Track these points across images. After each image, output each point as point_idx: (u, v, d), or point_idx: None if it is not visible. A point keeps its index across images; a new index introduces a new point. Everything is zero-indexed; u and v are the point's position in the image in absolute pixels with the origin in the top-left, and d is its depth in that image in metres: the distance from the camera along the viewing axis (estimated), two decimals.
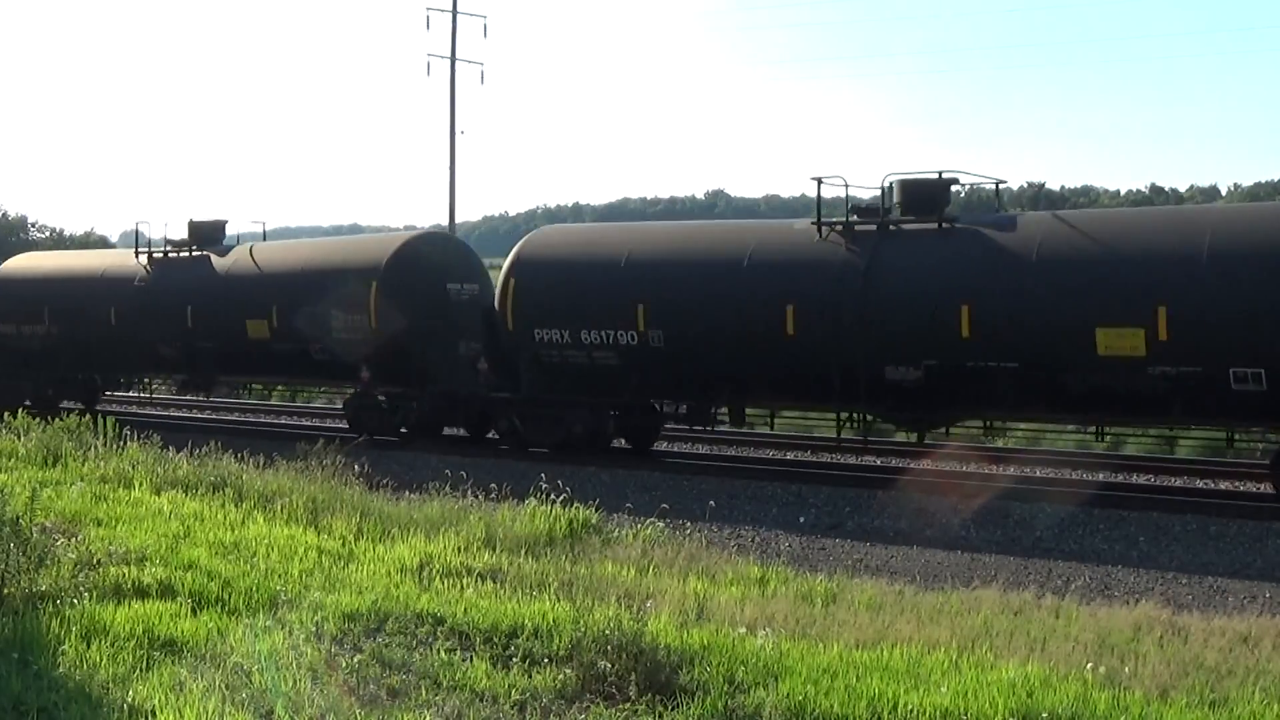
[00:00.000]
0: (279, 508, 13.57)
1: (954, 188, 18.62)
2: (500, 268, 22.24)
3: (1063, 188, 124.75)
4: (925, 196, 18.21)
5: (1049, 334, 16.44)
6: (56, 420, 19.14)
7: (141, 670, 7.84)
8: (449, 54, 52.47)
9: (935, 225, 17.98)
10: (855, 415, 18.84)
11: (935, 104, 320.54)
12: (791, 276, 18.42)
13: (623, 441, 21.70)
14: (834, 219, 18.60)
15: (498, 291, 21.38)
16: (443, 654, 8.36)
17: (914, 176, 18.43)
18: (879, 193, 18.52)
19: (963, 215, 18.68)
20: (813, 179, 18.74)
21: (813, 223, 18.72)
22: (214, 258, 26.06)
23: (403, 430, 23.02)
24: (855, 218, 18.56)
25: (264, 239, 27.55)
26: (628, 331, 19.59)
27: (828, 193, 18.82)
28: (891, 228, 18.30)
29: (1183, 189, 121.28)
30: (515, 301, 20.79)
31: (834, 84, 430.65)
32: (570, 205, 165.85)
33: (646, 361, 19.60)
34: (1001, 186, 19.59)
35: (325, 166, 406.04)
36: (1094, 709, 7.33)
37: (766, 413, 21.98)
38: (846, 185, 18.65)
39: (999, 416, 18.57)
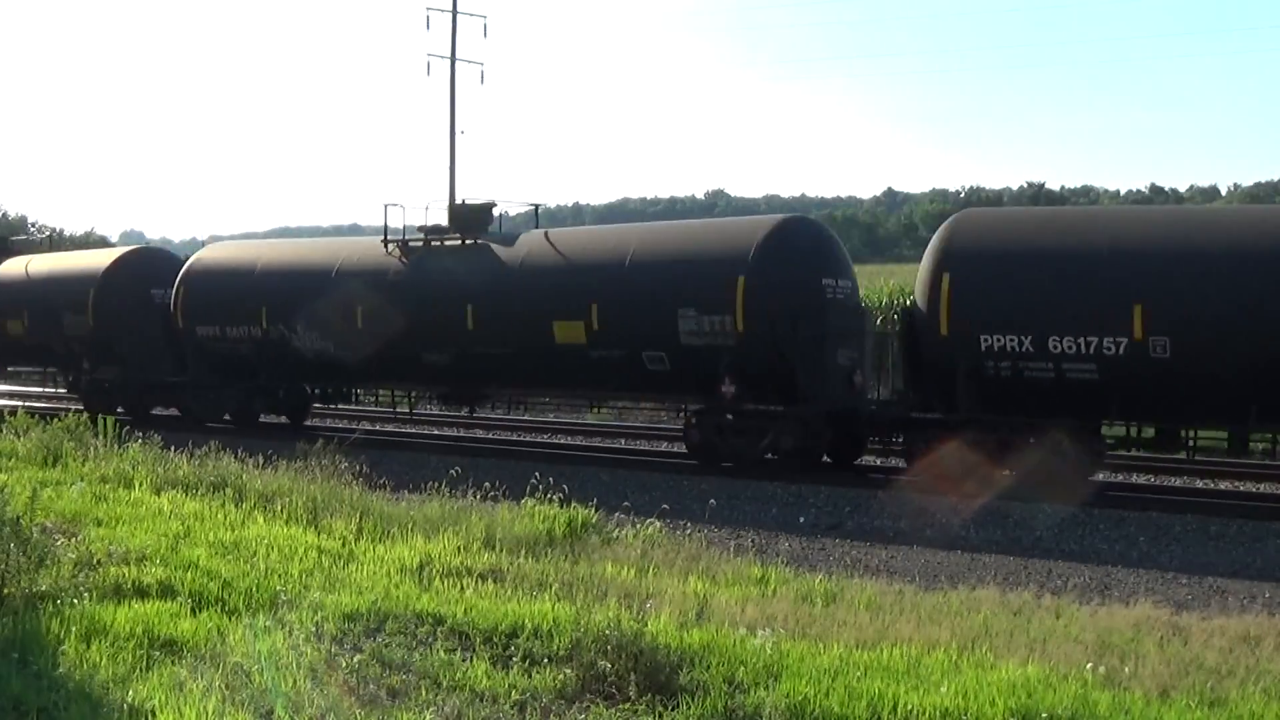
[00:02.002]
0: (279, 508, 13.56)
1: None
2: None
3: (1063, 188, 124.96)
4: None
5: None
6: (56, 420, 19.14)
7: (141, 670, 7.83)
8: (449, 54, 52.40)
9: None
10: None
11: (936, 104, 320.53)
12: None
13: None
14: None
15: (921, 289, 18.10)
16: (443, 654, 8.36)
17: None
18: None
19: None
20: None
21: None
22: (496, 246, 22.27)
23: (769, 457, 19.53)
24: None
25: (536, 225, 23.55)
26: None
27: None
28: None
29: (1183, 189, 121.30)
30: (950, 302, 17.54)
31: (834, 84, 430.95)
32: (570, 205, 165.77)
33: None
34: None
35: (325, 166, 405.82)
36: (1094, 709, 7.33)
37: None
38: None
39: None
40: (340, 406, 27.87)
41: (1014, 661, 8.33)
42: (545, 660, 8.25)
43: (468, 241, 22.71)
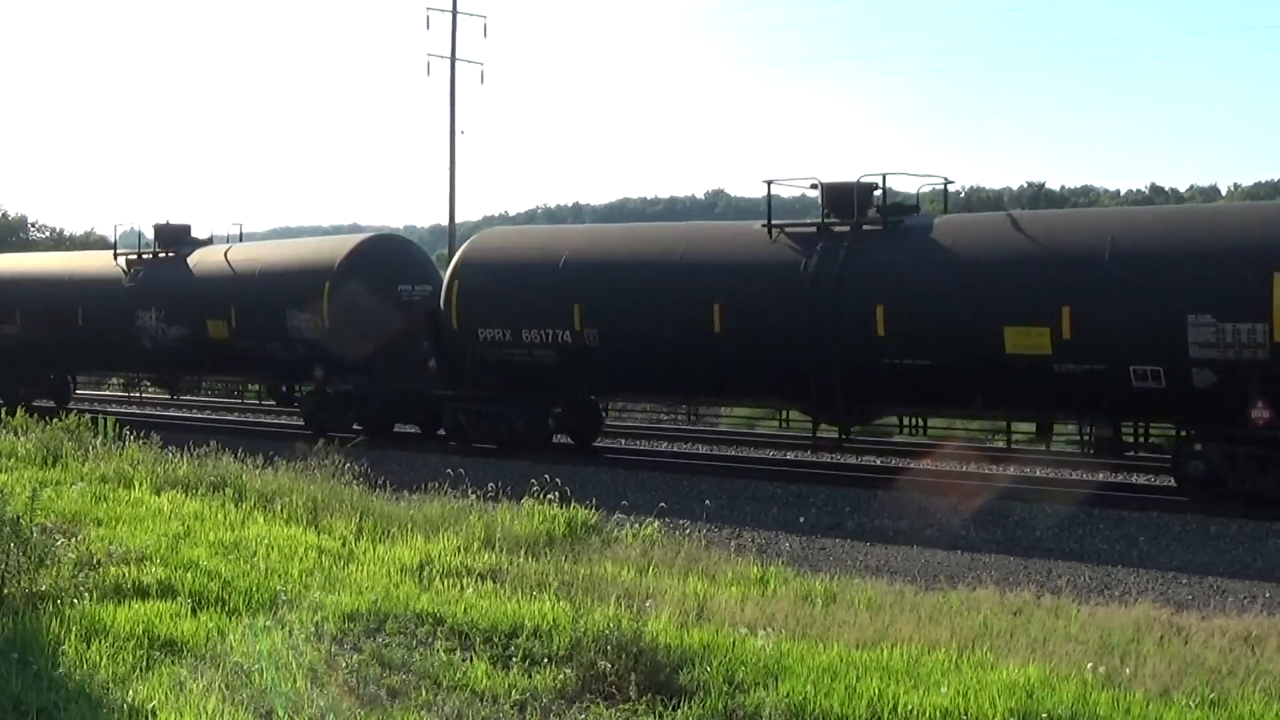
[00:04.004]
0: (279, 508, 13.56)
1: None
2: None
3: (1063, 188, 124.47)
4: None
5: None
6: (56, 420, 19.15)
7: (141, 670, 7.83)
8: (449, 54, 52.42)
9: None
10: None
11: (935, 104, 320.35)
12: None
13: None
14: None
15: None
16: (443, 654, 8.36)
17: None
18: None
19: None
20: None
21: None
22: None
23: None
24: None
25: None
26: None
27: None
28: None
29: (1183, 189, 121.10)
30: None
31: (834, 84, 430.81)
32: (570, 205, 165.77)
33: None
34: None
35: (325, 166, 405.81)
36: (1094, 709, 7.33)
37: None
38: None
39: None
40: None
41: (1014, 661, 8.33)
42: (545, 660, 8.25)
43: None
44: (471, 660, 8.27)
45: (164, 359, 26.93)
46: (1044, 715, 7.20)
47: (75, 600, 9.30)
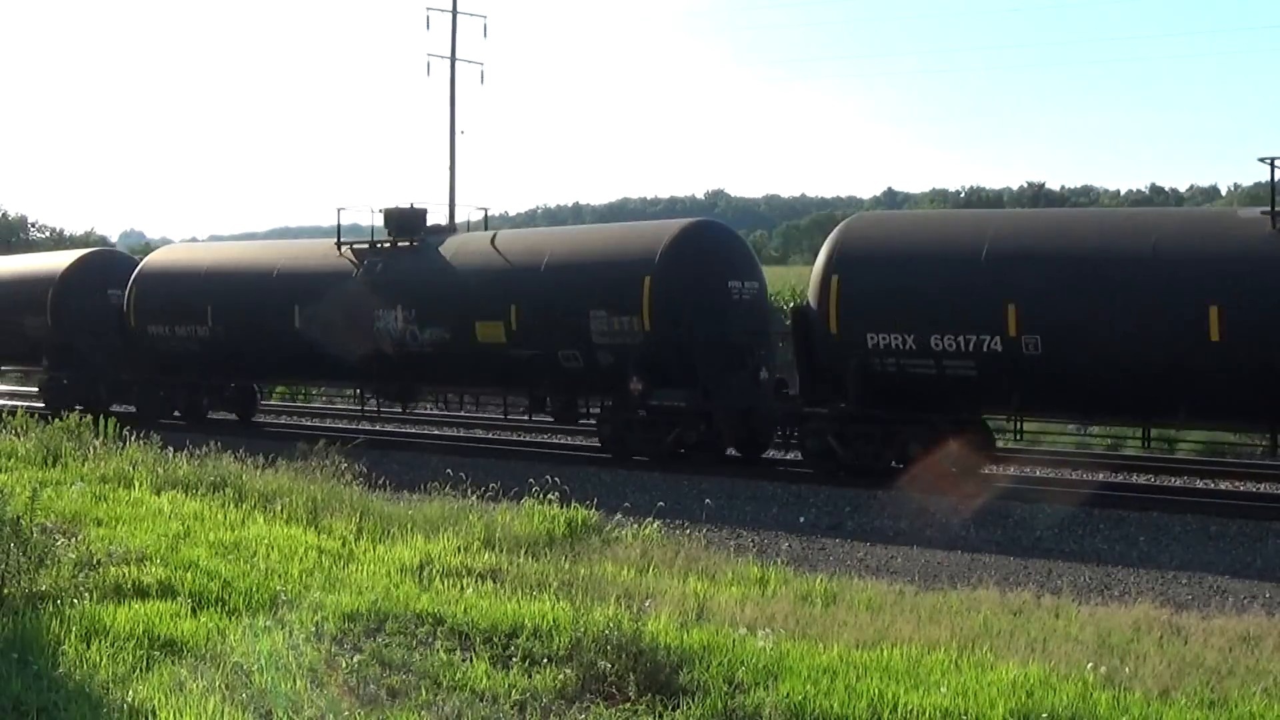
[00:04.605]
0: (279, 508, 13.56)
1: None
2: None
3: (1063, 188, 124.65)
4: None
5: None
6: (56, 420, 19.13)
7: (141, 670, 7.83)
8: (449, 54, 52.38)
9: None
10: None
11: (936, 104, 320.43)
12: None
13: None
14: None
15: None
16: (443, 654, 8.36)
17: None
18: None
19: None
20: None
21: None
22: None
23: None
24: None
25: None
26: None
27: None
28: None
29: (1183, 189, 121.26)
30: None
31: (834, 84, 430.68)
32: (570, 205, 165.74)
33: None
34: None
35: (325, 167, 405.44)
36: (1094, 709, 7.34)
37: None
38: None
39: None
40: None
41: (1014, 661, 8.33)
42: (545, 660, 8.25)
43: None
44: (471, 660, 8.27)
45: (409, 367, 22.74)
46: (1044, 715, 7.20)
47: (75, 600, 9.30)
